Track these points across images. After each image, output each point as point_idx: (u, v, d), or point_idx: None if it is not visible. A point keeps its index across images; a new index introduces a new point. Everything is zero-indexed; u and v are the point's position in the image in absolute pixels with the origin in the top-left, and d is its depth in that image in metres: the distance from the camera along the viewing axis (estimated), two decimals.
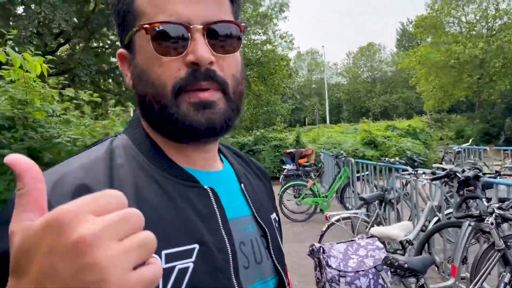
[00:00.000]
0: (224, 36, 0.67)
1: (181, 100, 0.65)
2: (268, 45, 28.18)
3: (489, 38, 26.26)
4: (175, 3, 0.65)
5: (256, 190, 0.83)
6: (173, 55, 0.65)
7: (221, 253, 0.66)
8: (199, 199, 0.68)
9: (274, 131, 16.17)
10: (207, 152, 0.74)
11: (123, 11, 0.70)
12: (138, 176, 0.65)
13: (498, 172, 4.18)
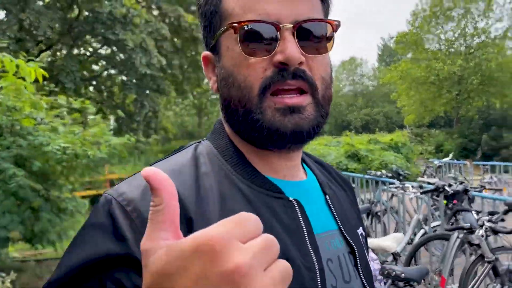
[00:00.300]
0: (315, 35, 0.64)
1: (266, 106, 0.62)
2: None
3: (467, 56, 26.99)
4: (265, 2, 0.62)
5: (341, 202, 0.78)
6: (261, 55, 0.62)
7: (308, 271, 0.62)
8: (284, 211, 0.65)
9: None
10: (291, 161, 0.71)
11: (210, 12, 0.68)
12: (222, 185, 0.64)
13: (483, 186, 4.29)
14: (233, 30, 0.63)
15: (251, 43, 0.62)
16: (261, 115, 0.62)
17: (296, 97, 0.62)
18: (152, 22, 13.21)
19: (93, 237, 0.56)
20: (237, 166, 0.67)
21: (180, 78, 16.34)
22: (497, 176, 10.14)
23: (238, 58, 0.63)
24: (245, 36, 0.62)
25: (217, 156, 0.68)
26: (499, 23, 31.27)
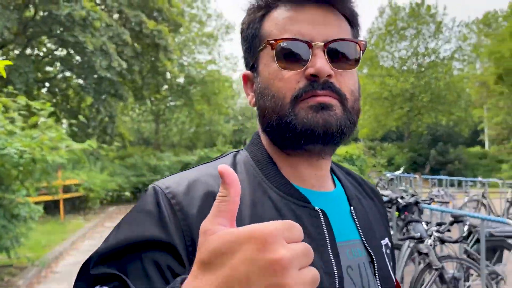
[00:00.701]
0: (343, 53, 0.71)
1: (298, 108, 0.69)
2: (213, 65, 28.41)
3: (418, 74, 28.30)
4: (299, 24, 0.70)
5: (367, 213, 0.82)
6: (294, 69, 0.69)
7: (327, 277, 0.67)
8: (309, 220, 0.70)
9: (218, 152, 16.19)
10: (320, 170, 0.76)
11: (251, 35, 0.76)
12: (255, 192, 0.71)
13: (431, 198, 4.58)
14: (270, 46, 0.71)
15: (286, 59, 0.70)
16: (294, 117, 0.69)
17: (326, 97, 0.69)
18: (113, 26, 12.96)
19: (141, 221, 0.64)
20: (270, 176, 0.74)
21: (140, 83, 16.08)
22: (443, 190, 10.74)
23: (274, 72, 0.71)
24: (281, 52, 0.70)
25: (253, 165, 0.76)
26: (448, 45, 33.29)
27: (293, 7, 0.72)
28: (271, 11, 0.75)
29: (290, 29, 0.71)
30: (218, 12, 29.53)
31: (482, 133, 32.37)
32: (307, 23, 0.70)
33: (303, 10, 0.71)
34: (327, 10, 0.72)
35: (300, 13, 0.71)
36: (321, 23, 0.71)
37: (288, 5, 0.73)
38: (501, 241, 4.66)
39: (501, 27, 27.49)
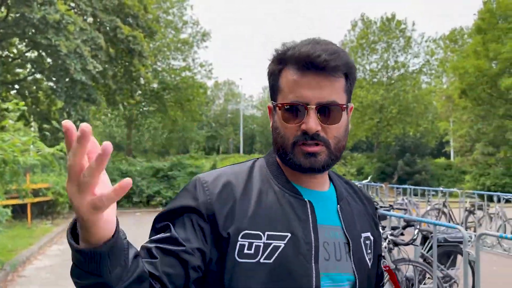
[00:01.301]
0: (329, 112, 0.97)
1: (296, 151, 0.98)
2: (187, 71, 28.41)
3: (388, 87, 29.15)
4: (301, 88, 0.97)
5: (353, 211, 1.09)
6: (294, 122, 0.98)
7: (306, 244, 0.95)
8: (299, 207, 0.99)
9: (191, 158, 16.23)
10: (315, 178, 1.05)
11: (272, 83, 1.05)
12: (263, 185, 1.02)
13: (391, 206, 4.85)
14: (278, 108, 1.00)
15: (289, 115, 0.98)
16: (292, 156, 0.98)
17: (314, 147, 0.97)
18: (87, 30, 12.89)
19: (184, 195, 1.00)
20: (276, 176, 1.04)
21: (113, 88, 15.98)
22: (407, 198, 11.17)
23: (282, 122, 1.00)
24: (285, 111, 0.99)
25: (265, 168, 1.06)
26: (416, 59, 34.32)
27: (299, 71, 0.97)
28: (285, 67, 1.01)
29: (295, 91, 0.97)
30: (194, 19, 29.42)
31: (447, 145, 33.56)
32: (307, 88, 0.96)
33: (305, 75, 0.96)
34: (323, 75, 0.96)
35: (302, 78, 0.96)
36: (316, 87, 0.96)
37: (295, 68, 0.98)
38: (455, 246, 4.98)
39: (466, 43, 28.72)
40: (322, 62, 0.94)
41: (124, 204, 14.72)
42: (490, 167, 22.46)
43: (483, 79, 21.22)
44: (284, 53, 1.01)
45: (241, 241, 0.93)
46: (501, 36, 21.33)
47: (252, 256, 0.93)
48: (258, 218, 0.96)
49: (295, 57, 0.97)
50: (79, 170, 0.63)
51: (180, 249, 0.90)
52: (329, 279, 0.97)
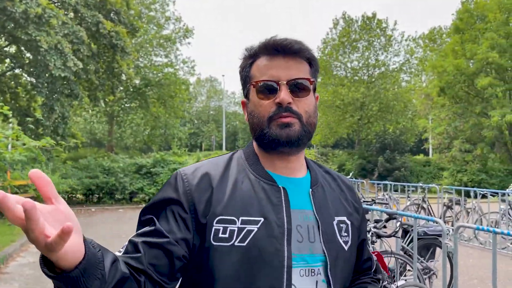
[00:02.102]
0: (299, 87, 1.08)
1: (271, 125, 1.06)
2: (170, 68, 28.19)
3: (369, 84, 29.51)
4: (271, 69, 1.08)
5: (326, 196, 1.14)
6: (268, 99, 1.07)
7: (278, 227, 1.02)
8: (273, 193, 1.06)
9: (174, 155, 16.17)
10: (290, 163, 1.12)
11: (245, 76, 1.15)
12: (239, 174, 1.09)
13: (373, 200, 5.00)
14: (253, 86, 1.09)
15: (263, 93, 1.07)
16: (269, 130, 1.06)
17: (288, 118, 1.05)
18: (68, 24, 12.71)
19: (166, 189, 1.07)
20: (252, 165, 1.11)
21: (96, 84, 15.80)
22: (388, 194, 11.43)
23: (256, 101, 1.09)
24: (260, 89, 1.08)
25: (243, 159, 1.14)
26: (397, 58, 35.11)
27: (269, 57, 1.09)
28: (256, 60, 1.12)
29: (266, 73, 1.08)
30: (176, 15, 29.19)
31: (426, 142, 34.25)
32: (276, 68, 1.07)
33: (275, 59, 1.08)
34: (290, 58, 1.08)
35: (273, 61, 1.08)
36: (285, 67, 1.07)
37: (266, 56, 1.09)
38: (434, 239, 5.16)
39: (445, 43, 29.32)
40: (288, 45, 1.07)
41: (106, 200, 14.60)
42: (467, 164, 23.06)
43: (461, 77, 21.74)
44: (253, 48, 1.13)
45: (216, 226, 0.99)
46: (478, 36, 21.87)
47: (227, 240, 0.98)
48: (233, 205, 1.02)
49: (265, 46, 1.09)
50: (42, 240, 0.68)
51: (164, 241, 0.96)
52: (303, 260, 1.03)
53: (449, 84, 22.03)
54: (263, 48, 1.10)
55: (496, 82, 20.76)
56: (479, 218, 8.77)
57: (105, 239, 8.73)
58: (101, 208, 13.89)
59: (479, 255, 7.70)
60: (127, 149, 33.51)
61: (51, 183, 0.73)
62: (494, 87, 20.63)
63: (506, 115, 19.12)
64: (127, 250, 0.98)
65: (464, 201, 9.57)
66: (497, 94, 21.31)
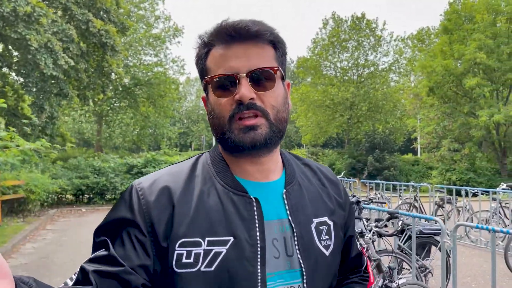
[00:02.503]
0: (262, 78, 0.90)
1: (233, 127, 0.89)
2: (159, 67, 28.06)
3: (358, 84, 29.69)
4: (228, 60, 0.90)
5: (304, 194, 1.00)
6: (227, 96, 0.90)
7: (251, 246, 0.88)
8: (244, 206, 0.91)
9: (165, 154, 16.09)
10: (262, 165, 0.96)
11: (201, 69, 0.97)
12: (205, 184, 0.93)
13: (371, 199, 5.04)
14: (207, 82, 0.93)
15: (220, 89, 0.91)
16: (230, 134, 0.90)
17: (251, 119, 0.89)
18: (58, 22, 12.56)
19: (120, 206, 0.91)
20: (220, 173, 0.95)
21: (85, 82, 15.64)
22: (380, 193, 11.53)
23: (215, 100, 0.92)
24: (216, 86, 0.91)
25: (208, 164, 0.97)
26: (386, 58, 35.49)
27: (225, 45, 0.91)
28: (211, 49, 0.94)
29: (223, 64, 0.90)
30: (166, 14, 29.02)
31: (415, 142, 34.59)
32: (234, 58, 0.89)
33: (231, 47, 0.90)
34: (250, 44, 0.91)
35: (229, 50, 0.90)
36: (244, 56, 0.90)
37: (222, 44, 0.92)
38: (429, 238, 5.22)
39: (433, 43, 29.65)
40: (244, 28, 0.89)
41: (97, 201, 14.48)
42: (455, 163, 23.35)
43: (449, 78, 22.01)
44: (207, 35, 0.95)
45: (179, 250, 0.86)
46: (466, 37, 22.16)
47: (192, 265, 0.85)
48: (198, 223, 0.88)
49: (219, 32, 0.92)
50: None
51: (119, 270, 0.83)
52: (280, 278, 0.91)
53: (438, 84, 22.29)
54: (216, 35, 0.92)
55: (483, 82, 21.06)
56: (470, 216, 8.88)
57: None
58: (92, 208, 13.75)
59: (470, 253, 7.80)
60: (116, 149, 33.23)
61: None
62: (482, 87, 20.94)
63: (494, 115, 19.40)
64: (77, 280, 0.85)
65: (455, 200, 9.69)
66: (484, 94, 21.64)
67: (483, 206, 8.97)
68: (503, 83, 21.87)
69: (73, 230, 9.79)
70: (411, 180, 17.37)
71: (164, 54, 29.15)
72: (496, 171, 22.84)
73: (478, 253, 7.94)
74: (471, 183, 20.79)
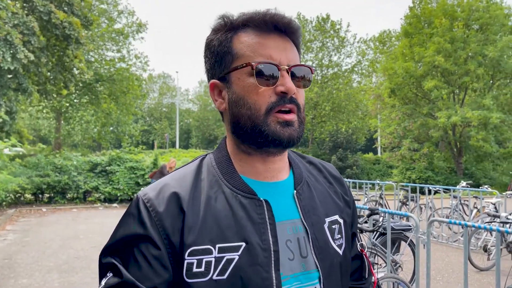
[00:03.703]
0: (301, 75, 0.90)
1: (269, 120, 0.86)
2: (122, 63, 27.38)
3: (322, 85, 30.25)
4: (269, 49, 0.87)
5: (314, 194, 0.99)
6: (267, 85, 0.86)
7: (264, 251, 0.84)
8: (254, 208, 0.87)
9: (130, 153, 15.73)
10: (274, 164, 0.94)
11: (223, 52, 0.90)
12: (212, 188, 0.89)
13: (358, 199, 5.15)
14: (250, 67, 0.86)
15: (261, 77, 0.86)
16: (266, 127, 0.86)
17: (291, 114, 0.87)
18: (19, 15, 12.00)
19: (128, 221, 0.86)
20: (226, 175, 0.91)
21: (46, 77, 15.02)
22: None
23: (250, 87, 0.86)
24: (258, 72, 0.85)
25: (214, 166, 0.93)
26: (349, 59, 36.41)
27: (261, 34, 0.88)
28: (238, 32, 0.89)
29: (263, 52, 0.87)
30: (129, 9, 28.35)
31: (376, 141, 35.57)
32: (275, 49, 0.87)
33: (269, 37, 0.88)
34: (286, 40, 0.90)
35: (267, 40, 0.87)
36: (284, 49, 0.88)
37: (255, 31, 0.88)
38: (399, 234, 5.40)
39: (394, 46, 30.58)
40: (287, 23, 0.89)
41: (59, 200, 13.96)
42: (415, 162, 24.22)
43: (410, 80, 22.78)
44: (235, 19, 0.91)
45: (189, 259, 0.82)
46: (425, 40, 23.02)
47: (203, 275, 0.81)
48: (207, 230, 0.84)
49: (257, 18, 0.88)
50: None
51: None
52: (296, 280, 0.88)
53: (399, 85, 23.02)
54: (252, 20, 0.89)
55: (441, 85, 21.96)
56: (432, 213, 9.24)
57: (62, 240, 8.37)
58: (53, 208, 13.24)
59: (433, 248, 8.12)
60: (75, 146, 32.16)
61: None
62: (440, 90, 21.83)
63: (451, 117, 20.26)
64: None
65: (418, 198, 10.05)
66: (442, 96, 22.57)
67: (444, 204, 9.36)
68: (459, 86, 22.89)
69: (35, 231, 9.40)
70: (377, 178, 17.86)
71: (127, 49, 28.46)
72: (452, 170, 23.87)
73: (440, 248, 8.28)
74: (429, 181, 21.63)
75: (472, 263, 6.57)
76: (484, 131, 20.53)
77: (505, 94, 21.46)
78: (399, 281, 4.23)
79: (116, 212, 12.65)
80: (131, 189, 14.18)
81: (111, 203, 14.30)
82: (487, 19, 21.78)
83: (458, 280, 6.14)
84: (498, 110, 20.35)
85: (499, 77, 22.37)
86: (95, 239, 8.43)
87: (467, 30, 22.70)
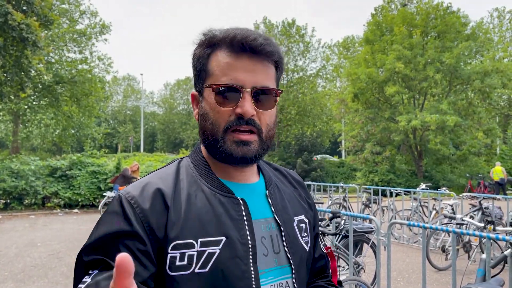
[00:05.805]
0: (264, 98, 0.95)
1: (227, 138, 0.92)
2: (84, 64, 26.67)
3: (288, 89, 30.54)
4: (235, 71, 0.92)
5: (283, 195, 1.07)
6: (227, 106, 0.92)
7: (242, 245, 0.91)
8: (232, 206, 0.94)
9: (91, 156, 15.28)
10: (244, 171, 1.02)
11: (200, 68, 0.98)
12: (191, 187, 0.95)
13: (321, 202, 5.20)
14: (211, 88, 0.93)
15: (222, 98, 0.92)
16: (223, 144, 0.93)
17: (247, 135, 0.92)
18: None
19: (111, 219, 0.87)
20: (203, 175, 0.98)
21: (2, 79, 14.40)
22: (312, 194, 11.92)
23: (213, 105, 0.93)
24: (218, 93, 0.92)
25: (191, 168, 1.00)
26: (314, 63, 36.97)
27: (232, 54, 0.92)
28: (215, 51, 0.95)
29: (228, 73, 0.92)
30: (92, 9, 27.68)
31: (340, 145, 36.23)
32: (242, 71, 0.91)
33: (239, 58, 0.92)
34: (257, 60, 0.93)
35: (237, 61, 0.92)
36: (251, 71, 0.92)
37: (229, 51, 0.93)
38: (362, 236, 5.51)
39: (357, 51, 31.30)
40: (259, 45, 0.91)
41: (15, 206, 13.36)
42: (377, 165, 24.82)
43: (372, 85, 23.36)
44: (213, 36, 0.96)
45: (172, 253, 0.85)
46: (386, 47, 23.69)
47: (186, 268, 0.86)
48: (189, 225, 0.88)
49: (229, 39, 0.92)
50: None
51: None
52: (271, 275, 0.95)
53: (362, 90, 23.54)
54: (226, 41, 0.93)
55: (402, 90, 22.66)
56: (393, 215, 9.49)
57: (18, 248, 8.03)
58: (9, 214, 12.67)
59: (394, 249, 8.34)
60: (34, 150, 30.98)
61: None
62: (401, 95, 22.51)
63: (411, 121, 20.92)
64: None
65: (380, 200, 10.29)
66: (403, 101, 23.29)
67: (404, 205, 9.64)
68: (419, 91, 23.67)
69: None
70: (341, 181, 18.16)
71: (90, 51, 27.76)
72: (413, 172, 24.62)
73: (401, 249, 8.51)
74: (391, 183, 22.20)
75: (431, 263, 6.77)
76: (441, 135, 21.30)
77: (461, 99, 22.35)
78: (361, 283, 4.31)
79: (77, 218, 12.26)
80: (93, 194, 13.77)
81: (71, 208, 13.84)
82: (444, 26, 22.65)
83: (418, 280, 6.32)
84: (455, 114, 21.17)
85: (456, 83, 23.29)
86: (53, 247, 8.13)
87: (426, 37, 23.54)
